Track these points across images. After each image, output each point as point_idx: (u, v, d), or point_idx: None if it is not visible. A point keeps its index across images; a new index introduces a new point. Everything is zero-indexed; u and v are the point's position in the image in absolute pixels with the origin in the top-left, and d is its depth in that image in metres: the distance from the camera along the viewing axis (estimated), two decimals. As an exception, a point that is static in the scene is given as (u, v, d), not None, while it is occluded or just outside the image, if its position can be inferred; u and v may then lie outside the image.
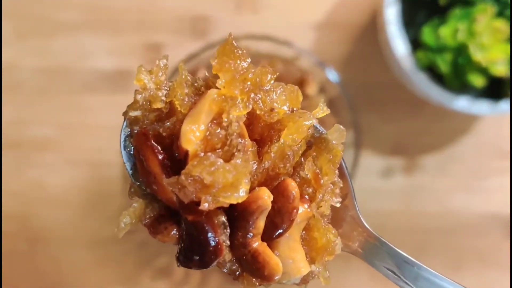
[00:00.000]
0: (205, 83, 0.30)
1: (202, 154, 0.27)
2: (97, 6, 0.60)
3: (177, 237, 0.30)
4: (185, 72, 0.30)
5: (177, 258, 0.30)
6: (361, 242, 0.34)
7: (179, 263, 0.30)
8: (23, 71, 0.60)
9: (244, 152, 0.27)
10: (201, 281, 0.61)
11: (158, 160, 0.29)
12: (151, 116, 0.32)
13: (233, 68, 0.28)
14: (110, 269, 0.61)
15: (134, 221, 0.31)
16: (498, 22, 0.47)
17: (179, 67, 0.30)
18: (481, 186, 0.61)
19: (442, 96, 0.51)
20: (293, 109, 0.29)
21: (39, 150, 0.60)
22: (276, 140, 0.29)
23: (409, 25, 0.51)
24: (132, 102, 0.33)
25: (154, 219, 0.31)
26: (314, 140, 0.31)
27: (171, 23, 0.60)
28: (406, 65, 0.50)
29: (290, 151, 0.29)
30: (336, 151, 0.30)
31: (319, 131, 0.31)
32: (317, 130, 0.31)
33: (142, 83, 0.33)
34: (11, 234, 0.60)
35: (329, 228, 0.30)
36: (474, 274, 0.61)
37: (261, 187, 0.28)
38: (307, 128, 0.29)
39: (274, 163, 0.28)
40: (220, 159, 0.26)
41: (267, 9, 0.60)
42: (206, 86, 0.30)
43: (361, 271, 0.61)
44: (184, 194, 0.26)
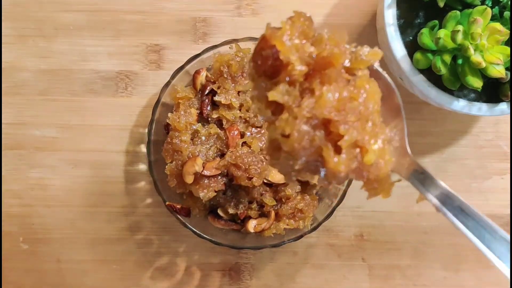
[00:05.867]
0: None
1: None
2: (98, 8, 0.60)
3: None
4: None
5: None
6: (409, 169, 0.38)
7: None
8: (24, 72, 0.60)
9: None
10: (201, 281, 0.61)
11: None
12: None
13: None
14: (110, 269, 0.61)
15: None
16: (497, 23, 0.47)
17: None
18: (481, 187, 0.61)
19: (441, 97, 0.51)
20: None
21: (40, 151, 0.60)
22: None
23: (408, 26, 0.51)
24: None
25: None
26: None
27: (172, 25, 0.60)
28: (405, 66, 0.51)
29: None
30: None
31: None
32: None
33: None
34: (11, 234, 0.60)
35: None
36: (474, 274, 0.61)
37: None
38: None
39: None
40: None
41: (267, 11, 0.61)
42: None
43: (361, 270, 0.62)
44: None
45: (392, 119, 0.38)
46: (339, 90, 0.33)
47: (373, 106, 0.34)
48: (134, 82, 0.60)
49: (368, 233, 0.61)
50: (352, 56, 0.35)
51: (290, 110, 0.33)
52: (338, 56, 0.33)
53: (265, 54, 0.34)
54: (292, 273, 0.61)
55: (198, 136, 0.54)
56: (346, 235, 0.61)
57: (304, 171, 0.34)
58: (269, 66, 0.34)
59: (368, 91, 0.34)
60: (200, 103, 0.55)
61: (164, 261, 0.61)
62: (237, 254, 0.61)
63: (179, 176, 0.53)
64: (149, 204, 0.61)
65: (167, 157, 0.54)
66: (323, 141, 0.33)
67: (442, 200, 0.37)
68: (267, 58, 0.33)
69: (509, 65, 0.48)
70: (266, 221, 0.55)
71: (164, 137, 0.55)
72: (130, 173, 0.60)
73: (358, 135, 0.33)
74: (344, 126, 0.32)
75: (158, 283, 0.61)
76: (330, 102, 0.32)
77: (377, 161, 0.34)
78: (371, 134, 0.34)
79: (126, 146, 0.60)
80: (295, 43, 0.33)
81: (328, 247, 0.61)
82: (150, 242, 0.61)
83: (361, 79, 0.34)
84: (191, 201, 0.56)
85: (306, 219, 0.56)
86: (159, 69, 0.60)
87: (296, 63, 0.32)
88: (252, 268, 0.61)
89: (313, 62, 0.34)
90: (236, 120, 0.54)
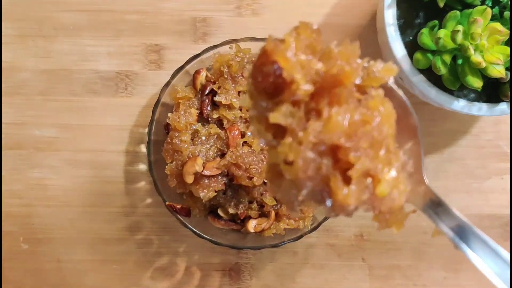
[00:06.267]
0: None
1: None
2: (98, 8, 0.60)
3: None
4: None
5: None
6: (425, 199, 0.34)
7: None
8: (24, 72, 0.60)
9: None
10: (202, 281, 0.61)
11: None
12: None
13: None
14: (110, 270, 0.61)
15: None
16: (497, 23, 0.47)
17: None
18: (480, 187, 0.61)
19: (441, 97, 0.51)
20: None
21: (40, 151, 0.60)
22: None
23: (408, 26, 0.51)
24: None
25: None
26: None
27: (171, 25, 0.60)
28: (405, 66, 0.51)
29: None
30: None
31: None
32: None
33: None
34: (11, 234, 0.60)
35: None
36: (474, 274, 0.61)
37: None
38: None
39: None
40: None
41: (267, 11, 0.61)
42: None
43: (361, 270, 0.61)
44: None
45: (406, 140, 0.34)
46: (350, 112, 0.29)
47: (387, 130, 0.30)
48: (134, 82, 0.60)
49: (368, 233, 0.61)
50: (364, 72, 0.31)
51: (294, 134, 0.29)
52: (350, 74, 0.30)
53: (266, 71, 0.30)
54: (292, 273, 0.61)
55: (198, 136, 0.54)
56: (346, 235, 0.61)
57: (309, 200, 0.31)
58: (270, 84, 0.30)
59: (383, 114, 0.30)
60: (200, 103, 0.55)
61: (164, 261, 0.61)
62: (237, 254, 0.61)
63: (179, 176, 0.53)
64: (149, 204, 0.61)
65: (167, 157, 0.54)
66: (330, 170, 0.29)
67: (460, 234, 0.32)
68: (268, 75, 0.30)
69: (509, 65, 0.48)
70: (266, 221, 0.55)
71: (164, 137, 0.55)
72: (130, 173, 0.60)
73: (370, 164, 0.29)
74: (355, 153, 0.29)
75: (158, 283, 0.61)
76: (340, 126, 0.28)
77: (390, 192, 0.30)
78: (385, 162, 0.30)
79: (126, 146, 0.60)
80: (300, 59, 0.30)
81: (328, 247, 0.61)
82: (150, 242, 0.61)
83: (375, 100, 0.30)
84: (191, 201, 0.56)
85: (306, 219, 0.56)
86: (159, 69, 0.60)
87: (301, 82, 0.29)
88: (252, 268, 0.61)
89: (321, 80, 0.30)
90: (237, 120, 0.54)
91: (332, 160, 0.29)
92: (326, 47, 0.31)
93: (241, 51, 0.55)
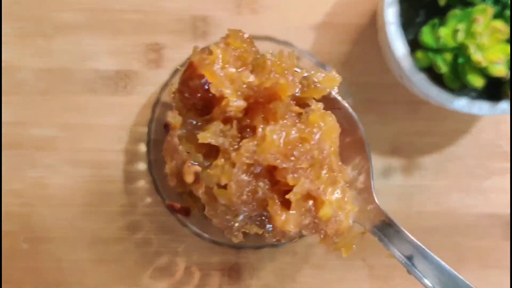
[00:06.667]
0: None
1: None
2: (97, 7, 0.60)
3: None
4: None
5: None
6: (374, 219, 0.32)
7: None
8: (23, 71, 0.60)
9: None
10: (201, 281, 0.61)
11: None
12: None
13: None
14: (110, 269, 0.61)
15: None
16: (498, 22, 0.47)
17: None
18: (481, 186, 0.61)
19: (442, 96, 0.51)
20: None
21: (40, 150, 0.60)
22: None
23: (408, 25, 0.51)
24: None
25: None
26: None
27: (171, 23, 0.60)
28: (406, 65, 0.51)
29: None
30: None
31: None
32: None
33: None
34: (11, 234, 0.60)
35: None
36: (474, 274, 0.61)
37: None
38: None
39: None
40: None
41: (267, 10, 0.60)
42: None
43: (361, 270, 0.61)
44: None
45: (355, 154, 0.32)
46: (286, 129, 0.27)
47: (329, 148, 0.28)
48: (134, 81, 0.60)
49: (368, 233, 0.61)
50: (304, 83, 0.29)
51: (227, 154, 0.27)
52: (285, 87, 0.27)
53: (193, 85, 0.27)
54: (292, 273, 0.61)
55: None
56: (346, 235, 0.61)
57: (248, 225, 0.29)
58: (199, 99, 0.28)
59: (323, 129, 0.28)
60: (200, 102, 0.55)
61: (163, 261, 0.61)
62: (237, 254, 0.61)
63: (179, 175, 0.53)
64: (149, 203, 0.61)
65: (167, 156, 0.54)
66: (268, 193, 0.27)
67: (412, 259, 0.30)
68: (195, 90, 0.27)
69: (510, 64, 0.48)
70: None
71: (164, 136, 0.55)
72: (130, 173, 0.60)
73: (311, 185, 0.27)
74: (293, 175, 0.26)
75: (157, 283, 0.61)
76: (275, 145, 0.26)
77: (335, 214, 0.29)
78: (327, 182, 0.28)
79: (125, 145, 0.60)
80: (229, 72, 0.27)
81: (328, 247, 0.61)
82: (150, 242, 0.61)
83: (315, 114, 0.28)
84: (191, 201, 0.56)
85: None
86: (159, 68, 0.60)
87: (231, 97, 0.27)
88: (252, 268, 0.61)
89: (255, 94, 0.27)
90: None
91: (270, 182, 0.27)
92: (260, 57, 0.28)
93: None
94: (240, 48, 0.28)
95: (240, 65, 0.28)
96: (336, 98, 0.31)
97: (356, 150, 0.32)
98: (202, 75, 0.27)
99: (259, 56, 0.28)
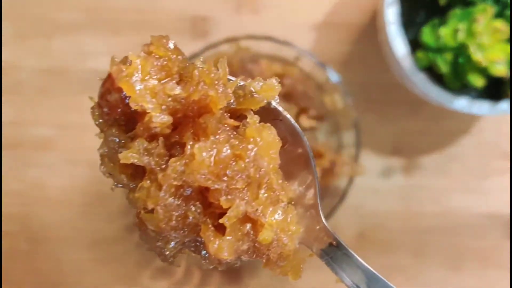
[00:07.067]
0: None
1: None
2: (96, 6, 0.60)
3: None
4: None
5: None
6: (321, 241, 0.29)
7: None
8: (23, 71, 0.60)
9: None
10: (201, 281, 0.61)
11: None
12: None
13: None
14: (110, 269, 0.61)
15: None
16: (498, 22, 0.47)
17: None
18: (481, 186, 0.61)
19: (442, 96, 0.51)
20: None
21: (39, 150, 0.60)
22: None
23: (409, 25, 0.51)
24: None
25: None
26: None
27: (171, 23, 0.60)
28: (406, 65, 0.51)
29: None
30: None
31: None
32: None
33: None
34: (11, 234, 0.60)
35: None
36: (474, 274, 0.61)
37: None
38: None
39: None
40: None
41: (267, 10, 0.60)
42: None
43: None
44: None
45: (300, 169, 0.29)
46: (218, 146, 0.24)
47: (267, 165, 0.25)
48: (134, 81, 0.60)
49: (368, 233, 0.61)
50: (240, 93, 0.26)
51: (153, 175, 0.24)
52: (216, 99, 0.24)
53: (113, 100, 0.25)
54: (292, 273, 0.61)
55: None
56: (346, 235, 0.61)
57: (181, 251, 0.26)
58: (120, 115, 0.25)
59: (260, 145, 0.25)
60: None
61: (163, 261, 0.61)
62: (237, 253, 0.61)
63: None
64: (149, 203, 0.60)
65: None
66: (200, 217, 0.24)
67: (364, 286, 0.27)
68: (115, 105, 0.25)
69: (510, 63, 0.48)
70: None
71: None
72: (130, 173, 0.60)
73: (247, 207, 0.24)
74: (226, 196, 0.24)
75: (157, 283, 0.61)
76: (206, 164, 0.23)
77: (277, 237, 0.26)
78: (267, 203, 0.25)
79: (125, 146, 0.60)
80: (150, 85, 0.24)
81: (328, 247, 0.61)
82: (150, 242, 0.61)
83: (250, 128, 0.25)
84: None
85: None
86: (159, 68, 0.60)
87: (153, 112, 0.24)
88: (252, 268, 0.61)
89: (183, 107, 0.24)
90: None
91: (202, 204, 0.24)
92: (188, 67, 0.25)
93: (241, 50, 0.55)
94: (164, 57, 0.26)
95: (165, 76, 0.25)
96: (277, 108, 0.28)
97: (301, 164, 0.29)
98: (120, 88, 0.24)
99: (188, 65, 0.25)
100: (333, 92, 0.56)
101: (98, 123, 0.26)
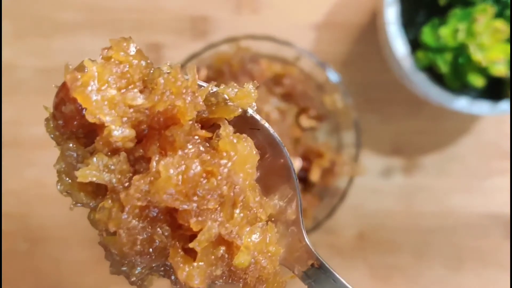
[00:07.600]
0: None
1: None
2: (96, 6, 0.60)
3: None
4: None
5: None
6: (303, 262, 0.26)
7: None
8: (23, 70, 0.60)
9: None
10: (201, 281, 0.61)
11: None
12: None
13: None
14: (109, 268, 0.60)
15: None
16: (498, 22, 0.47)
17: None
18: (481, 186, 0.61)
19: (442, 96, 0.51)
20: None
21: (39, 150, 0.60)
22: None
23: (409, 25, 0.51)
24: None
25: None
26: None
27: (170, 23, 0.60)
28: (406, 65, 0.50)
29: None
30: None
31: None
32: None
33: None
34: (11, 234, 0.60)
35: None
36: (474, 274, 0.61)
37: None
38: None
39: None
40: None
41: (267, 9, 0.60)
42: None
43: (361, 269, 0.61)
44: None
45: (281, 182, 0.26)
46: (187, 162, 0.21)
47: (243, 181, 0.22)
48: (134, 81, 0.60)
49: (368, 233, 0.61)
50: (213, 100, 0.23)
51: (115, 194, 0.22)
52: (183, 110, 0.21)
53: (68, 111, 0.22)
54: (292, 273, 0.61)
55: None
56: (346, 235, 0.61)
57: (151, 275, 0.24)
58: (78, 127, 0.22)
59: (234, 160, 0.22)
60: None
61: (163, 261, 0.61)
62: (237, 253, 0.61)
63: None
64: (149, 203, 0.60)
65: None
66: (169, 240, 0.22)
67: None
68: (71, 117, 0.22)
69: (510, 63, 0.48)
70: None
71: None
72: (130, 173, 0.60)
73: (221, 229, 0.22)
74: (197, 218, 0.21)
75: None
76: (173, 182, 0.21)
77: (255, 259, 0.23)
78: (243, 223, 0.23)
79: (125, 145, 0.60)
80: (108, 95, 0.21)
81: (329, 247, 0.61)
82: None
83: (223, 141, 0.22)
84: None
85: (307, 218, 0.56)
86: (159, 68, 0.60)
87: (113, 125, 0.21)
88: None
89: (148, 118, 0.22)
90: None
91: (171, 226, 0.22)
92: (154, 73, 0.22)
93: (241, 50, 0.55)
94: (125, 63, 0.23)
95: (125, 84, 0.22)
96: (254, 117, 0.25)
97: (281, 176, 0.26)
98: (75, 99, 0.22)
99: (153, 71, 0.22)
100: (333, 92, 0.56)
101: (53, 136, 0.23)
